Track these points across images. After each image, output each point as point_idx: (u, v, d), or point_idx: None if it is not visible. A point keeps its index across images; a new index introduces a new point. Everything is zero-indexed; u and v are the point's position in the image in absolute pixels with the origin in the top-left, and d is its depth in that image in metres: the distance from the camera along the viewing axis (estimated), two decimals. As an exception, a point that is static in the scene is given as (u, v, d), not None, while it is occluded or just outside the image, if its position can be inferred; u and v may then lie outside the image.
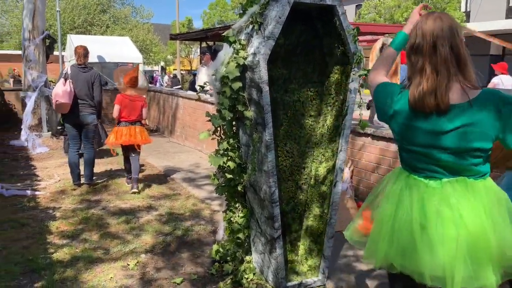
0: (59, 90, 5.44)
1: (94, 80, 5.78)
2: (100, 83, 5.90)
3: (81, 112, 5.64)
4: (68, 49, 19.99)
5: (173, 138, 10.26)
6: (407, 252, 1.90)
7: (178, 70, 30.07)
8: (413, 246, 1.89)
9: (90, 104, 5.72)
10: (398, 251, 1.93)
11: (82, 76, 5.68)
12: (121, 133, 5.69)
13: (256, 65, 2.87)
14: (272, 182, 2.99)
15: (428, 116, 1.82)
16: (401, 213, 1.93)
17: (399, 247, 1.93)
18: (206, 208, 5.11)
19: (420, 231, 1.87)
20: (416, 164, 1.94)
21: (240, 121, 3.26)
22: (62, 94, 5.40)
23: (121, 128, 5.70)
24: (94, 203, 5.20)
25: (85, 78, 5.69)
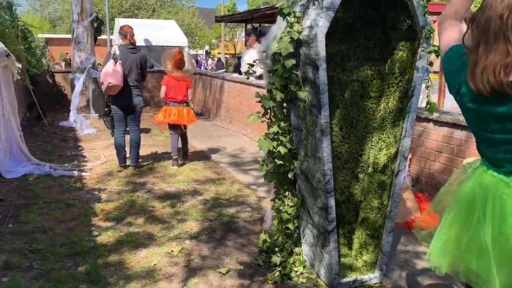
0: (109, 72, 5.30)
1: (143, 62, 5.68)
2: (147, 65, 5.81)
3: (130, 94, 5.55)
4: (116, 33, 20.32)
5: (217, 122, 10.14)
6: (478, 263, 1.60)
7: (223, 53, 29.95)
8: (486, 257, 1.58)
9: (137, 86, 5.63)
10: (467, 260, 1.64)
11: (132, 57, 5.56)
12: (170, 113, 5.84)
13: (312, 39, 2.59)
14: (327, 170, 2.72)
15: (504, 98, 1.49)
16: (473, 217, 1.62)
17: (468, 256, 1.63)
18: (252, 194, 4.92)
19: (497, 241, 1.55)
20: (494, 156, 1.61)
21: (291, 102, 3.00)
22: (113, 76, 5.28)
23: (169, 108, 5.85)
24: (139, 185, 5.13)
25: (134, 59, 5.57)
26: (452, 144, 4.08)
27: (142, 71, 5.65)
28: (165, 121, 5.92)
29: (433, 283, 3.10)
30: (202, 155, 6.78)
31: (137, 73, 5.58)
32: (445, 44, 1.68)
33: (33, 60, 9.42)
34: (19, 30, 8.97)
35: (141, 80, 5.71)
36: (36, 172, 5.48)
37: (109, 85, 5.30)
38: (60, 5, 34.05)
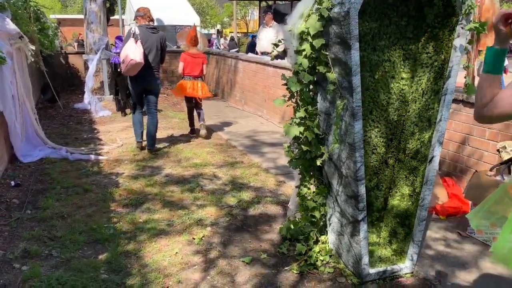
0: (131, 50, 5.14)
1: (163, 42, 5.56)
2: (166, 46, 5.70)
3: (149, 75, 5.43)
4: (128, 13, 20.07)
5: (232, 103, 9.98)
6: None
7: (235, 32, 29.58)
8: None
9: (156, 67, 5.51)
10: None
11: (153, 37, 5.41)
12: (186, 86, 6.27)
13: (344, 17, 2.40)
14: (358, 157, 2.57)
15: None
16: None
17: None
18: (270, 178, 4.80)
19: None
20: None
21: (319, 85, 2.83)
22: (136, 54, 5.12)
23: (185, 82, 6.29)
24: (157, 169, 5.04)
25: (155, 39, 5.43)
26: (483, 127, 3.88)
27: (161, 52, 5.53)
28: (182, 94, 6.39)
29: (468, 273, 2.97)
30: (218, 138, 6.66)
31: (157, 55, 5.46)
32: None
33: (46, 42, 9.28)
34: (31, 11, 8.84)
35: (160, 62, 5.60)
36: (52, 156, 5.41)
37: (131, 62, 5.12)
38: (71, -15, 33.82)
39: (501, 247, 1.65)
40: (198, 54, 6.32)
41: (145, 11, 5.53)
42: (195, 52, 6.31)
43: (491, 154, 3.81)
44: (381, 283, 2.87)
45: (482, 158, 3.91)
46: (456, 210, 3.88)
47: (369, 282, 2.84)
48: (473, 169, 3.99)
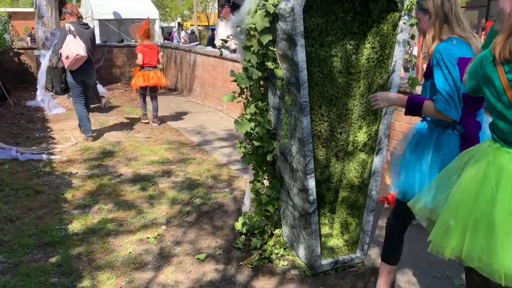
0: (74, 45, 5.48)
1: (93, 38, 6.04)
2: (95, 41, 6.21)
3: (88, 69, 5.86)
4: (84, 6, 19.47)
5: (192, 98, 9.90)
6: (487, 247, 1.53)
7: (196, 25, 29.24)
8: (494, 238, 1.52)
9: (92, 60, 5.94)
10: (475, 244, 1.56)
11: (86, 33, 5.82)
12: (148, 76, 6.75)
13: (289, 13, 2.42)
14: (308, 151, 2.61)
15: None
16: (484, 196, 1.54)
17: (477, 239, 1.55)
18: (225, 173, 4.80)
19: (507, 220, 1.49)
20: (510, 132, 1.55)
21: (269, 80, 2.85)
22: (79, 48, 5.49)
23: (147, 72, 6.75)
24: (112, 168, 4.93)
25: (88, 34, 5.85)
26: (431, 118, 4.02)
27: (93, 46, 5.97)
28: (145, 84, 6.76)
29: (417, 260, 3.09)
30: (176, 134, 6.59)
31: (91, 48, 5.87)
32: None
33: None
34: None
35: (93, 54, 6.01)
36: (1, 156, 5.20)
37: (77, 57, 5.46)
38: (22, -24, 32.36)
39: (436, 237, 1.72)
40: (153, 45, 6.86)
41: (73, 8, 5.96)
42: (150, 43, 6.81)
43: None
44: (333, 273, 2.94)
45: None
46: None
47: (322, 273, 2.90)
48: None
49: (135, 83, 6.85)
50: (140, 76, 6.75)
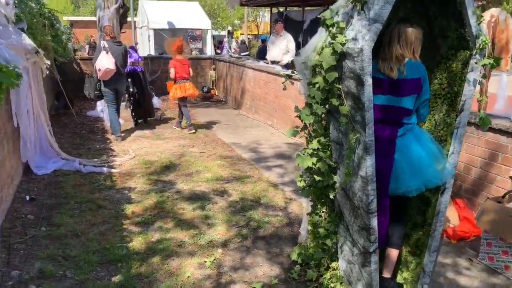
0: (104, 60, 6.67)
1: (125, 53, 7.14)
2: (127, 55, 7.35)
3: (119, 79, 6.96)
4: (140, 15, 20.23)
5: (243, 111, 10.03)
6: None
7: (245, 35, 29.62)
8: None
9: (122, 72, 7.03)
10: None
11: (118, 49, 6.96)
12: (185, 88, 7.46)
13: (357, 53, 2.42)
14: (371, 190, 2.59)
15: None
16: None
17: None
18: (280, 195, 4.82)
19: None
20: None
21: (331, 115, 2.85)
22: (109, 63, 6.66)
23: (183, 84, 7.47)
24: (169, 184, 5.09)
25: (120, 51, 6.97)
26: (496, 151, 3.87)
27: (124, 60, 7.08)
28: (183, 94, 7.46)
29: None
30: (228, 149, 6.70)
31: (122, 62, 7.01)
32: None
33: (60, 49, 9.40)
34: (45, 17, 8.95)
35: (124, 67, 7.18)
36: (65, 168, 5.49)
37: (106, 70, 6.65)
38: (84, -14, 34.10)
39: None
40: (184, 60, 7.61)
41: (107, 29, 7.15)
42: (182, 58, 7.55)
43: (504, 178, 3.80)
44: (391, 312, 2.88)
45: (494, 182, 3.90)
46: (467, 234, 3.88)
47: (379, 312, 2.85)
48: (484, 192, 3.98)
49: (174, 95, 7.49)
50: (177, 88, 7.44)
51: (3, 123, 4.26)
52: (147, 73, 10.33)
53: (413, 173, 2.63)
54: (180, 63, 7.48)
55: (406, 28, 2.63)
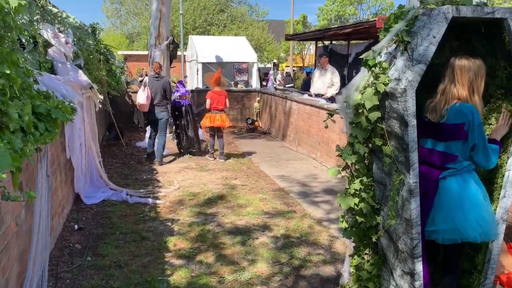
0: (139, 95, 7.60)
1: (165, 86, 7.71)
2: (170, 87, 7.88)
3: (156, 110, 7.66)
4: (189, 49, 21.03)
5: (286, 143, 10.04)
6: None
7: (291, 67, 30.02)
8: None
9: (161, 104, 7.69)
10: None
11: (156, 83, 7.69)
12: (214, 118, 7.83)
13: (401, 93, 2.39)
14: (415, 234, 2.49)
15: None
16: None
17: None
18: (324, 232, 4.73)
19: None
20: None
21: (374, 154, 2.80)
22: (141, 98, 7.55)
23: (213, 115, 7.85)
24: (210, 217, 5.13)
25: (159, 84, 7.67)
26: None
27: (165, 93, 7.71)
28: (211, 125, 7.83)
29: None
30: (270, 182, 6.70)
31: (161, 95, 7.66)
32: None
33: (114, 82, 9.92)
34: (101, 53, 9.51)
35: (166, 99, 7.77)
36: (113, 198, 5.69)
37: (139, 104, 7.66)
38: (138, 22, 36.03)
39: None
40: (221, 91, 7.94)
41: (154, 66, 8.01)
42: (219, 90, 7.92)
43: None
44: None
45: (553, 227, 3.64)
46: None
47: None
48: (543, 238, 3.71)
49: (203, 123, 7.97)
50: (207, 118, 7.86)
51: (57, 154, 4.50)
52: (194, 105, 10.64)
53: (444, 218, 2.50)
54: (217, 95, 7.85)
55: (461, 60, 2.48)
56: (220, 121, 7.83)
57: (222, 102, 7.86)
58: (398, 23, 2.52)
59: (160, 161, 7.69)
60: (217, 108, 7.83)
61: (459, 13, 2.35)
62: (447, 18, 2.33)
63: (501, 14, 2.41)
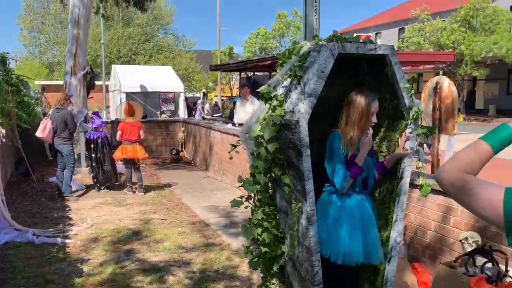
0: (40, 127, 7.54)
1: (66, 117, 7.51)
2: (72, 119, 7.65)
3: (58, 142, 7.47)
4: (112, 79, 20.49)
5: (210, 173, 9.99)
6: None
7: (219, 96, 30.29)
8: None
9: (62, 136, 7.46)
10: None
11: (57, 115, 7.50)
12: (126, 150, 7.61)
13: (295, 125, 2.48)
14: (315, 261, 2.55)
15: None
16: None
17: None
18: (242, 263, 4.68)
19: None
20: None
21: (277, 184, 2.86)
22: (38, 131, 7.52)
23: (125, 146, 7.64)
24: (124, 254, 4.90)
25: (59, 116, 7.47)
26: (448, 214, 3.92)
27: (66, 124, 7.48)
28: (123, 156, 7.65)
29: None
30: (192, 215, 6.58)
31: (62, 127, 7.46)
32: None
33: (24, 115, 9.34)
34: (11, 84, 8.95)
35: (67, 131, 7.50)
36: (18, 239, 5.26)
37: (38, 135, 7.56)
38: (58, 51, 34.64)
39: None
40: (134, 122, 7.81)
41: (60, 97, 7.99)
42: (131, 121, 7.78)
43: (457, 242, 3.82)
44: None
45: (448, 246, 3.92)
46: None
47: None
48: (439, 256, 3.98)
49: (115, 155, 7.78)
50: (119, 150, 7.67)
51: None
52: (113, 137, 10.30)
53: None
54: (129, 125, 7.71)
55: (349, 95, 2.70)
56: (132, 152, 7.62)
57: (135, 133, 7.66)
58: (292, 58, 2.63)
59: (68, 194, 7.36)
60: (130, 140, 7.63)
61: (345, 50, 2.51)
62: (334, 54, 2.48)
63: (382, 51, 2.61)
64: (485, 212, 1.19)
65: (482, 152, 1.25)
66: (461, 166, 1.26)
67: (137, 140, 7.70)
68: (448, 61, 21.25)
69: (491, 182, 1.23)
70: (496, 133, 1.27)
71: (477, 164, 1.26)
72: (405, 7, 34.81)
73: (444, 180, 1.28)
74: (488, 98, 28.11)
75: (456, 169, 1.26)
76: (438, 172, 1.30)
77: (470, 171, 1.25)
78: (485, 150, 1.25)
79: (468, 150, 1.28)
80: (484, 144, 1.26)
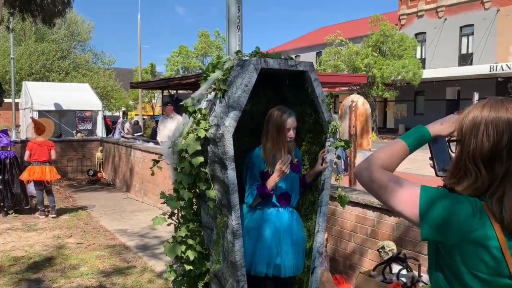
0: None
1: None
2: None
3: None
4: (24, 96, 19.12)
5: (132, 194, 9.60)
6: None
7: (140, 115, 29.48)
8: None
9: None
10: None
11: None
12: (34, 171, 7.10)
13: (219, 138, 2.47)
14: (241, 276, 2.52)
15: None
16: None
17: None
18: (164, 286, 4.52)
19: None
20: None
21: (201, 199, 2.81)
22: None
23: (34, 167, 7.13)
24: (34, 283, 4.50)
25: None
26: (365, 225, 4.11)
27: None
28: (30, 178, 7.14)
29: None
30: (110, 237, 6.24)
31: None
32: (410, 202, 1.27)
33: None
34: None
35: None
36: None
37: None
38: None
39: None
40: (45, 142, 7.30)
41: None
42: (41, 140, 7.27)
43: (375, 251, 4.00)
44: None
45: (367, 256, 4.10)
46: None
47: None
48: (359, 266, 4.14)
49: (22, 177, 7.20)
50: (26, 171, 7.14)
51: None
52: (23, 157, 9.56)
53: None
54: (38, 145, 7.21)
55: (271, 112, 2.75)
56: (41, 173, 7.08)
57: (45, 154, 7.17)
58: (215, 72, 2.64)
59: None
60: (39, 160, 7.13)
61: (267, 65, 2.57)
62: (257, 69, 2.52)
63: (303, 67, 2.72)
64: (403, 206, 1.28)
65: (401, 149, 1.40)
66: (381, 162, 1.36)
67: (47, 160, 7.21)
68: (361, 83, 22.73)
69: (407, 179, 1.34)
70: (412, 133, 1.44)
71: (396, 160, 1.39)
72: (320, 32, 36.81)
73: (364, 177, 1.36)
74: (398, 118, 30.35)
75: (376, 166, 1.35)
76: (359, 169, 1.39)
77: (389, 167, 1.36)
78: (402, 148, 1.40)
79: (388, 148, 1.41)
80: (402, 142, 1.41)
